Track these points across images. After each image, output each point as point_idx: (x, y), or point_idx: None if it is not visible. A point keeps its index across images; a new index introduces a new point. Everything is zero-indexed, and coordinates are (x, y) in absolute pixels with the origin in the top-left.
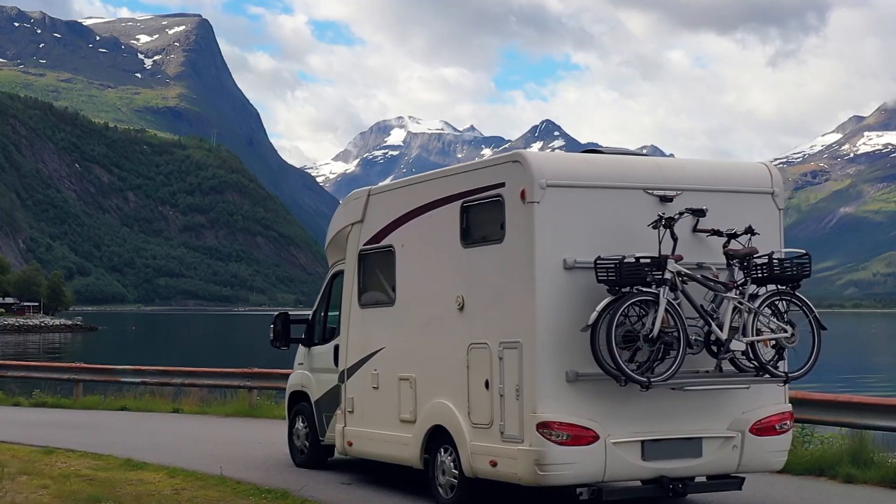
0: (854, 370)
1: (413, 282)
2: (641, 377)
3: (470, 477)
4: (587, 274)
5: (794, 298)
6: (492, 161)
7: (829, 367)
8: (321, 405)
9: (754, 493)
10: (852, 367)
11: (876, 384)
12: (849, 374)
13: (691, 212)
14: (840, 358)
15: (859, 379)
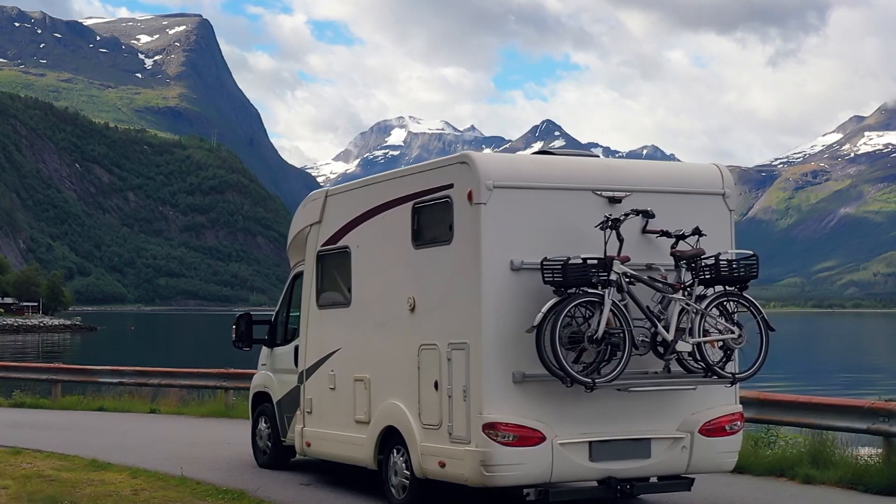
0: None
1: (368, 282)
2: (586, 378)
3: (420, 478)
4: (534, 275)
5: (741, 299)
6: (441, 162)
7: (828, 367)
8: (282, 406)
9: (711, 494)
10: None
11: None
12: (854, 373)
13: (636, 213)
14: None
15: (861, 378)
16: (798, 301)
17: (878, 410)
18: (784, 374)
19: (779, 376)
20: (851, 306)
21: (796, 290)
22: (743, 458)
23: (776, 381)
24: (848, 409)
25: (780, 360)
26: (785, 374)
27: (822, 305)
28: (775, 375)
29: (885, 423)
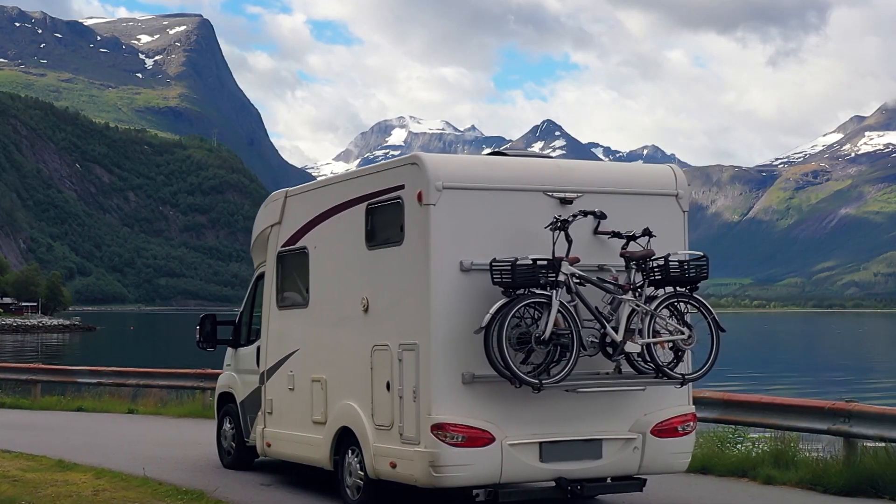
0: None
1: (324, 283)
2: (533, 379)
3: (373, 478)
4: (484, 276)
5: (692, 300)
6: (393, 163)
7: (823, 367)
8: (246, 406)
9: (671, 494)
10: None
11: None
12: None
13: (584, 214)
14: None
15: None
16: (798, 301)
17: (839, 411)
18: (769, 373)
19: (765, 375)
20: (852, 306)
21: (797, 291)
22: (707, 459)
23: (771, 381)
24: (809, 410)
25: (776, 359)
26: (769, 373)
27: (822, 305)
28: (768, 374)
29: (846, 423)
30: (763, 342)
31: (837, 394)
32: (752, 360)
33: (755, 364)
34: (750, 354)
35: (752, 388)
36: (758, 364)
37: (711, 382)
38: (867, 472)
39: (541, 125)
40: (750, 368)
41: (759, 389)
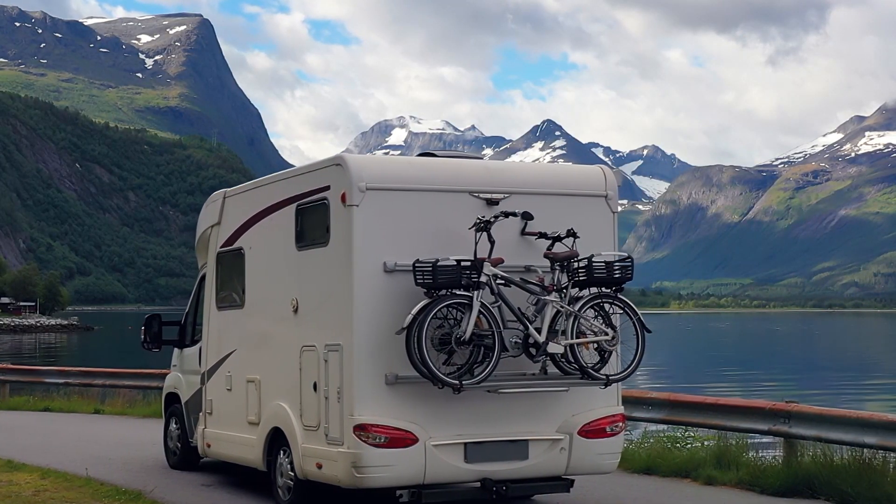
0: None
1: (258, 284)
2: (454, 380)
3: (302, 479)
4: (408, 277)
5: (616, 301)
6: (319, 164)
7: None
8: (189, 407)
9: (609, 494)
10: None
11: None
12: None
13: (506, 215)
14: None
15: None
16: (798, 301)
17: (779, 412)
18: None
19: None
20: (851, 306)
21: (797, 291)
22: (652, 460)
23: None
24: (751, 411)
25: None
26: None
27: (822, 306)
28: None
29: (786, 424)
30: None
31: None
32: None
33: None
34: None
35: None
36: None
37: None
38: (804, 473)
39: (541, 125)
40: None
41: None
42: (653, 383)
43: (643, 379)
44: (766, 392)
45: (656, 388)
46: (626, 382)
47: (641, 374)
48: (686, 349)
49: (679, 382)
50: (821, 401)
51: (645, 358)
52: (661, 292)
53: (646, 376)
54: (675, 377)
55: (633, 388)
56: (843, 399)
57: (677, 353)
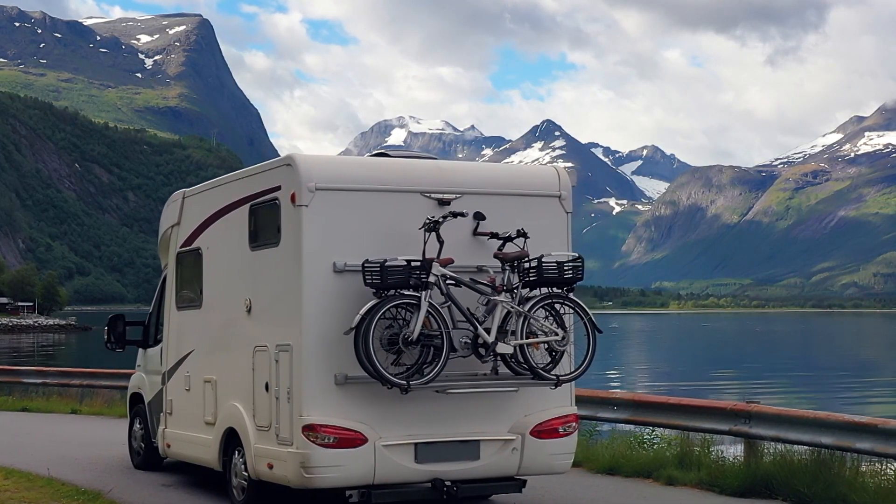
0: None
1: (215, 284)
2: (401, 380)
3: (255, 479)
4: (358, 277)
5: (567, 301)
6: (271, 164)
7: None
8: (152, 407)
9: (566, 495)
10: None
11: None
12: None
13: (454, 215)
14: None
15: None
16: (798, 301)
17: (740, 412)
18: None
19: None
20: (851, 307)
21: (796, 291)
22: (615, 460)
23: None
24: (712, 411)
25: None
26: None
27: (821, 306)
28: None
29: (746, 424)
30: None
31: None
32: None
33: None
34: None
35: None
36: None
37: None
38: (763, 474)
39: (541, 125)
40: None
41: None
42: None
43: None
44: (722, 390)
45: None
46: (579, 383)
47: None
48: (649, 348)
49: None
50: (779, 400)
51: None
52: (660, 292)
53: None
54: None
55: (599, 388)
56: (796, 398)
57: (641, 351)
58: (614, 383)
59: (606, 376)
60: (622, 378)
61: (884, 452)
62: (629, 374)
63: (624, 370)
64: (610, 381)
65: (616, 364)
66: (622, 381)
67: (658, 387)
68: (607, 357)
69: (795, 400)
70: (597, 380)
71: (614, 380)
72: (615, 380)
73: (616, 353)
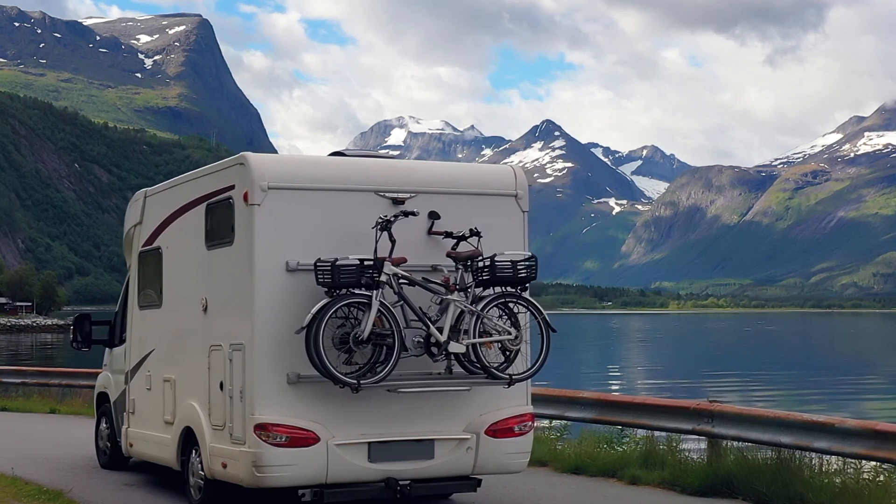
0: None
1: (174, 283)
2: (352, 380)
3: (210, 478)
4: (311, 276)
5: (520, 300)
6: (225, 163)
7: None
8: (117, 406)
9: (527, 494)
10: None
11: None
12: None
13: (405, 214)
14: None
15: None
16: (797, 301)
17: (703, 412)
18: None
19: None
20: (850, 307)
21: (796, 291)
22: (580, 459)
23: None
24: (676, 410)
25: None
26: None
27: (821, 306)
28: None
29: (709, 424)
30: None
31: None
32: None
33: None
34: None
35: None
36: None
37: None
38: (724, 473)
39: (540, 125)
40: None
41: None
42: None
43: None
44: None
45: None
46: (534, 380)
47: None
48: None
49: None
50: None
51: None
52: (660, 293)
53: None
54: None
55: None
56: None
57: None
58: (613, 383)
59: (606, 374)
60: (621, 377)
61: (840, 451)
62: (624, 373)
63: (623, 370)
64: (610, 381)
65: (616, 364)
66: (621, 381)
67: (644, 385)
68: (607, 358)
69: (787, 399)
70: (596, 378)
71: (611, 379)
72: (612, 379)
73: (615, 353)
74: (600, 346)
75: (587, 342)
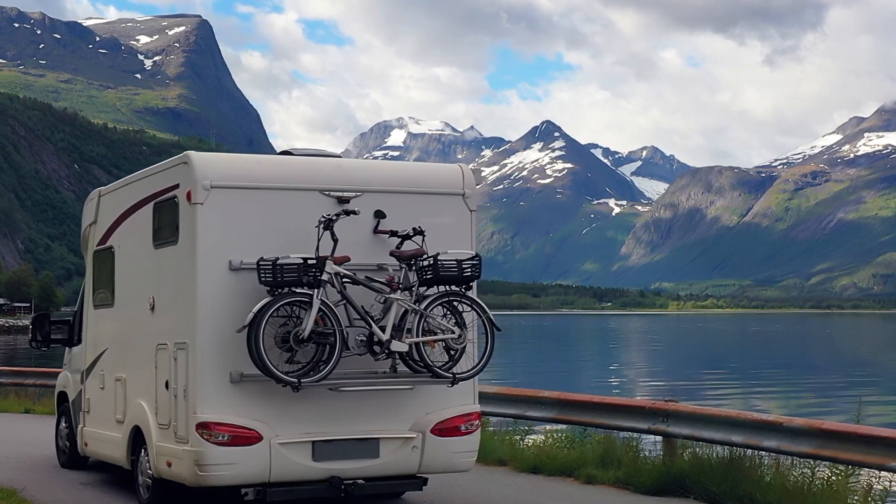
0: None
1: (125, 282)
2: (292, 378)
3: (157, 477)
4: (254, 275)
5: (464, 299)
6: (170, 162)
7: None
8: (75, 406)
9: (480, 492)
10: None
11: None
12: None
13: (346, 213)
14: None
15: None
16: (797, 302)
17: (658, 411)
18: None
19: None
20: (850, 307)
21: (795, 292)
22: (538, 458)
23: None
24: (633, 410)
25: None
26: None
27: (820, 307)
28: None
29: (664, 423)
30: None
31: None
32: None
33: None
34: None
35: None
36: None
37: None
38: (678, 472)
39: (540, 126)
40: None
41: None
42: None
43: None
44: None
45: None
46: (476, 380)
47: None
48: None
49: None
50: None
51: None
52: (659, 293)
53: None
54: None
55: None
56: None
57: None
58: (612, 382)
59: (606, 374)
60: (620, 378)
61: (788, 450)
62: (624, 373)
63: (620, 370)
64: (612, 380)
65: (613, 364)
66: (620, 381)
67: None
68: (607, 356)
69: (778, 400)
70: (597, 379)
71: (612, 378)
72: (612, 379)
73: (616, 352)
74: (600, 346)
75: (586, 342)
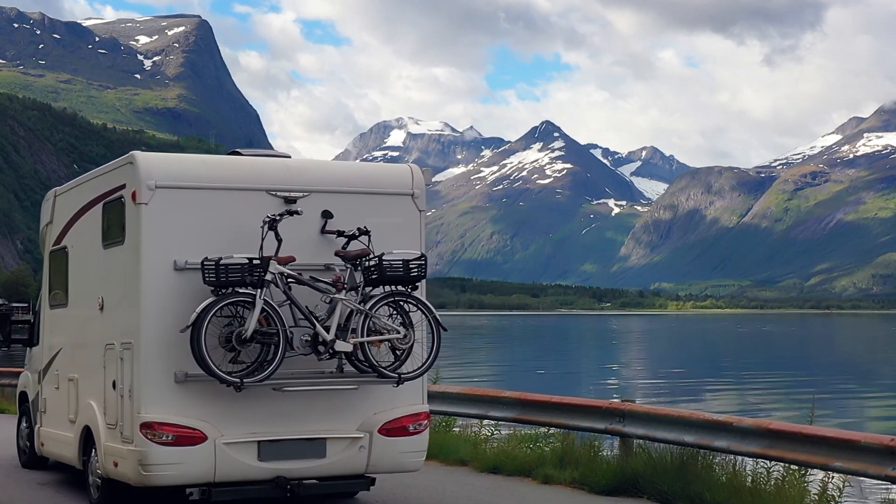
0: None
1: (77, 282)
2: (235, 378)
3: (106, 478)
4: (199, 275)
5: (410, 299)
6: (118, 162)
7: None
8: (34, 405)
9: (435, 492)
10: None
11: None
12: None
13: (290, 213)
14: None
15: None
16: (796, 303)
17: (615, 411)
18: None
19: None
20: (849, 308)
21: (795, 292)
22: (498, 458)
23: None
24: (590, 410)
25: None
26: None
27: (819, 307)
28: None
29: (620, 423)
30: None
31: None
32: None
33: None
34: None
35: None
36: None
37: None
38: (631, 472)
39: (540, 126)
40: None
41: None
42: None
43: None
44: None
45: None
46: (424, 380)
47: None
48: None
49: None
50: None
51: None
52: (659, 294)
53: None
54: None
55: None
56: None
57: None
58: (609, 382)
59: (605, 375)
60: (620, 378)
61: (738, 450)
62: (624, 374)
63: (620, 369)
64: (606, 380)
65: (613, 363)
66: (620, 381)
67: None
68: (607, 356)
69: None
70: (594, 376)
71: (610, 378)
72: (611, 378)
73: (616, 352)
74: (600, 346)
75: (587, 342)
